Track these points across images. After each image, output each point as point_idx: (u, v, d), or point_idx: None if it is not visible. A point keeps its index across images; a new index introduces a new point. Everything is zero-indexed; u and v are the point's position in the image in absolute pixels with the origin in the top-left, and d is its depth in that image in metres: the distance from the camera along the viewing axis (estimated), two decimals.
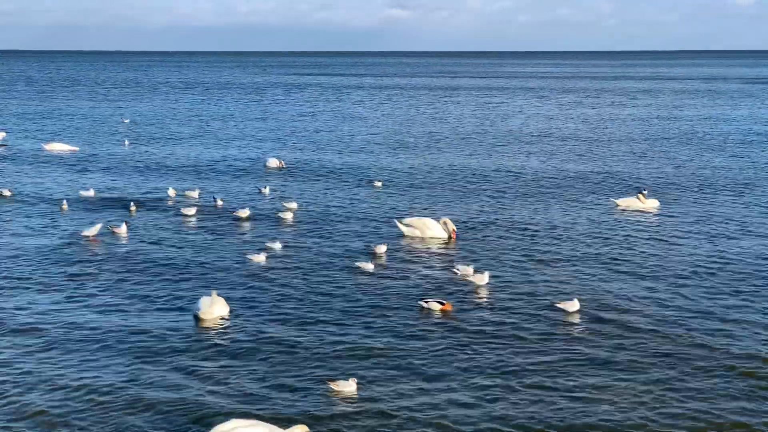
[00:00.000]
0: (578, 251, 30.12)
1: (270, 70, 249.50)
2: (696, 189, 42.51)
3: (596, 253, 29.78)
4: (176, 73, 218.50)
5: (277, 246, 29.66)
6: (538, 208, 38.06)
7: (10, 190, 39.22)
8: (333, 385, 17.98)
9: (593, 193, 41.99)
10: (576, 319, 22.54)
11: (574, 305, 23.03)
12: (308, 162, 51.91)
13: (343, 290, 25.19)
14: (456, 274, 26.36)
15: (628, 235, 32.57)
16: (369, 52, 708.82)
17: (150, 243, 30.96)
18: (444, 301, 23.32)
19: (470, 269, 26.37)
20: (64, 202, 37.23)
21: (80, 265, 27.99)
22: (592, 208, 37.94)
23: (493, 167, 50.38)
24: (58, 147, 56.14)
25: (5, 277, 26.37)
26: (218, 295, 23.08)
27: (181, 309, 23.37)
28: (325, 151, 57.33)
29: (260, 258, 28.28)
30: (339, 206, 37.90)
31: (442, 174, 47.71)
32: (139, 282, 25.98)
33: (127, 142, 60.01)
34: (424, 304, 23.33)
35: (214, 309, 22.40)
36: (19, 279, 26.24)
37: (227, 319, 22.44)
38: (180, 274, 26.95)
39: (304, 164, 50.90)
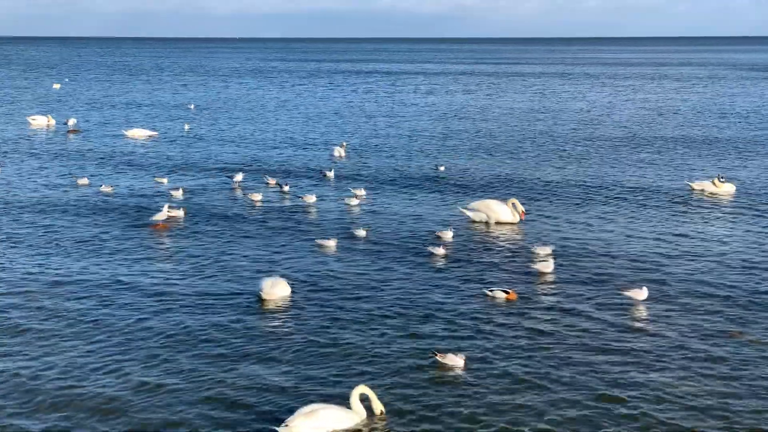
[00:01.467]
0: (649, 235, 29.68)
1: (336, 56, 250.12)
2: None
3: (668, 238, 29.29)
4: (241, 59, 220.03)
5: (362, 233, 29.51)
6: (607, 190, 37.60)
7: (110, 186, 38.73)
8: (440, 357, 18.10)
9: (666, 175, 41.36)
10: (644, 307, 22.11)
11: (642, 293, 22.61)
12: (373, 147, 51.90)
13: (408, 275, 25.10)
14: (534, 255, 26.16)
15: (701, 220, 32.03)
16: (436, 39, 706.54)
17: (216, 227, 31.26)
18: (509, 290, 23.10)
19: (548, 249, 26.07)
20: (181, 188, 37.73)
21: (149, 248, 28.39)
22: (665, 192, 37.40)
23: (557, 150, 49.98)
24: (138, 133, 56.84)
25: (76, 259, 26.81)
26: (281, 276, 23.36)
27: (244, 290, 23.57)
28: (389, 136, 57.27)
29: (330, 243, 28.39)
30: (404, 192, 37.84)
31: (506, 157, 47.45)
32: (205, 264, 26.27)
33: (187, 126, 60.32)
34: (489, 293, 23.14)
35: (275, 289, 22.64)
36: (89, 260, 26.67)
37: (289, 300, 22.64)
38: (245, 255, 27.23)
39: (369, 150, 50.90)
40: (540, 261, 25.73)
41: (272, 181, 38.77)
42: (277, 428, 15.52)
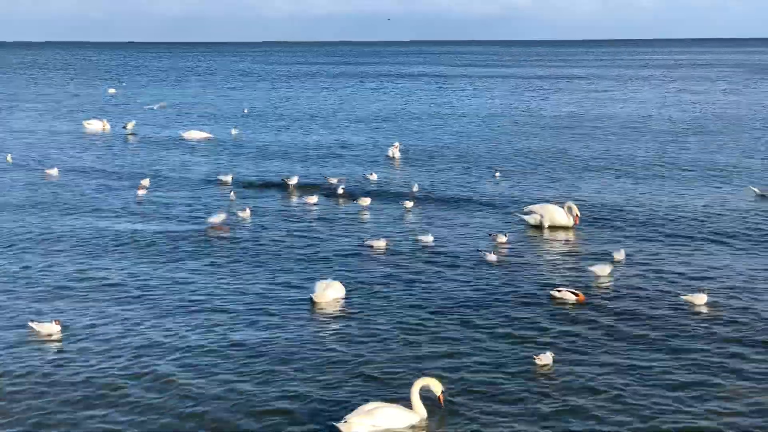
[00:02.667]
0: (710, 240, 29.29)
1: (388, 58, 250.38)
2: None
3: (730, 243, 28.85)
4: (294, 62, 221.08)
5: (429, 238, 29.21)
6: (666, 193, 37.27)
7: (233, 192, 38.59)
8: (537, 360, 18.36)
9: (727, 179, 40.81)
10: (705, 313, 21.76)
11: (701, 299, 22.29)
12: (427, 150, 51.82)
13: (462, 279, 25.02)
14: (592, 273, 25.17)
15: (765, 224, 31.52)
16: (486, 41, 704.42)
17: (271, 229, 31.45)
18: (578, 292, 22.81)
19: (607, 269, 25.14)
20: (232, 192, 38.07)
21: (205, 249, 28.70)
22: (726, 195, 36.86)
23: (615, 153, 49.61)
24: (195, 135, 57.38)
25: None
26: (335, 279, 23.49)
27: (298, 292, 23.72)
28: (441, 139, 57.16)
29: (380, 244, 28.39)
30: (459, 195, 37.71)
31: (561, 161, 47.14)
32: (259, 266, 26.50)
33: (234, 131, 60.23)
34: (557, 294, 22.89)
35: (328, 292, 22.75)
36: (152, 261, 27.00)
37: (342, 303, 22.70)
38: (300, 258, 27.38)
39: (423, 152, 50.82)
40: (598, 264, 25.44)
41: (333, 180, 38.52)
42: (335, 424, 15.61)
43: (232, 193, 37.41)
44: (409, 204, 34.70)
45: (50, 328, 20.44)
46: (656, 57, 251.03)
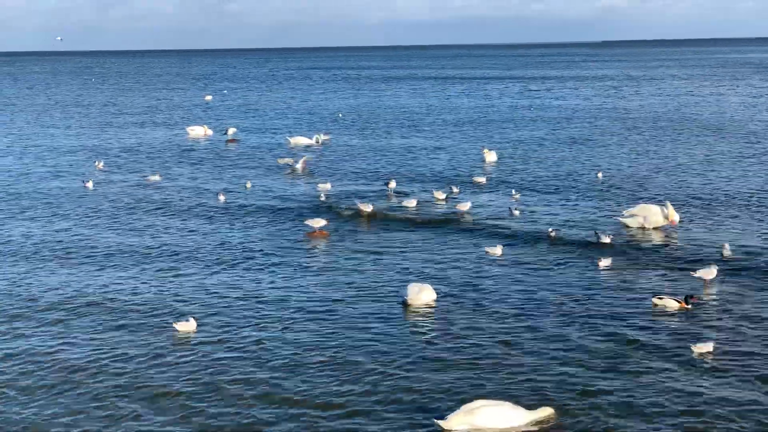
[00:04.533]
0: None
1: (483, 61, 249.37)
2: None
3: None
4: (388, 67, 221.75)
5: (498, 250, 28.71)
6: None
7: (323, 195, 39.02)
8: (656, 300, 19.07)
9: None
10: None
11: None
12: (523, 152, 51.51)
13: (563, 282, 24.86)
14: (696, 277, 24.56)
15: None
16: (584, 43, 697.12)
17: (369, 233, 31.75)
18: (680, 299, 22.45)
19: (713, 271, 24.51)
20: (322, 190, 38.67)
21: (304, 252, 29.26)
22: None
23: (717, 150, 48.72)
24: (301, 140, 57.90)
25: (235, 263, 27.60)
26: (427, 282, 23.70)
27: (391, 296, 24.00)
28: (538, 141, 56.75)
29: (496, 251, 28.32)
30: (561, 198, 37.36)
31: (663, 162, 46.34)
32: (354, 269, 26.91)
33: (324, 136, 59.77)
34: (658, 301, 22.58)
35: (421, 295, 22.91)
36: (244, 265, 27.46)
37: (435, 306, 22.85)
38: (395, 263, 27.61)
39: (521, 156, 50.53)
40: (703, 268, 24.97)
41: (440, 196, 37.75)
42: (436, 420, 15.78)
43: (322, 195, 37.87)
44: (517, 212, 34.04)
45: (189, 326, 21.23)
46: (752, 55, 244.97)
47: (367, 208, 34.44)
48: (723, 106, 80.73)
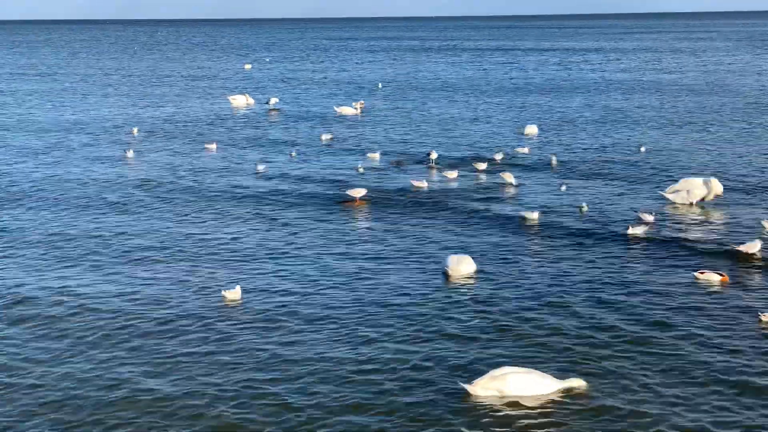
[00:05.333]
0: None
1: (520, 32, 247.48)
2: None
3: None
4: (428, 37, 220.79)
5: (534, 215, 28.99)
6: None
7: (361, 166, 39.82)
8: (698, 274, 19.39)
9: None
10: None
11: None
12: (566, 125, 51.31)
13: (604, 257, 24.84)
14: (741, 251, 24.49)
15: None
16: (625, 14, 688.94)
17: (410, 204, 31.88)
18: (722, 273, 22.47)
19: (757, 245, 24.37)
20: (360, 165, 38.77)
21: (343, 221, 29.59)
22: None
23: (756, 126, 48.23)
24: (346, 110, 58.22)
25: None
26: (468, 253, 23.91)
27: (430, 265, 24.22)
28: (582, 114, 56.41)
29: (533, 216, 28.52)
30: (604, 171, 37.22)
31: (710, 136, 45.98)
32: (394, 240, 27.09)
33: (358, 105, 59.90)
34: (700, 275, 22.59)
35: (461, 266, 23.11)
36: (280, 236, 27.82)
37: (475, 276, 23.05)
38: (436, 233, 27.78)
39: (562, 127, 50.34)
40: (746, 242, 24.91)
41: (481, 166, 37.66)
42: (463, 384, 16.06)
43: (360, 167, 38.12)
44: (564, 187, 33.76)
45: (235, 294, 21.52)
46: None
47: (422, 184, 34.36)
48: (766, 79, 79.80)
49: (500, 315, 20.20)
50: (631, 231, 26.90)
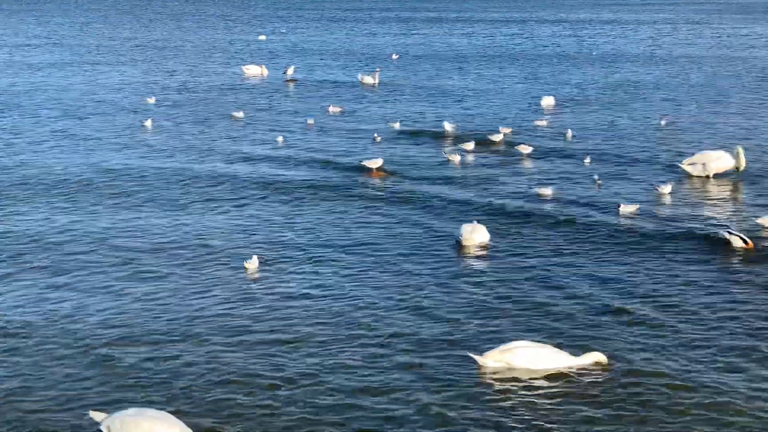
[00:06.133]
0: None
1: (533, 2, 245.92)
2: None
3: None
4: (439, 8, 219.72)
5: (548, 191, 28.91)
6: None
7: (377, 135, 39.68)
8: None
9: None
10: None
11: None
12: (584, 97, 50.93)
13: (617, 229, 24.91)
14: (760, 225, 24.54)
15: None
16: None
17: (424, 175, 31.98)
18: (748, 239, 22.37)
19: None
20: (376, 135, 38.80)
21: (359, 192, 29.88)
22: None
23: None
24: (368, 79, 57.95)
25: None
26: (480, 222, 24.10)
27: (445, 235, 24.48)
28: (600, 85, 56.06)
29: (547, 191, 28.38)
30: (619, 144, 37.04)
31: (724, 108, 45.70)
32: (408, 210, 27.38)
33: (376, 75, 59.64)
34: (727, 235, 22.52)
35: (475, 235, 23.20)
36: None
37: (488, 246, 23.20)
38: (449, 203, 28.07)
39: (580, 100, 49.95)
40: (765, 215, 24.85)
41: (496, 138, 37.52)
42: (472, 355, 16.18)
43: (377, 137, 38.09)
44: (587, 160, 33.46)
45: (252, 264, 21.80)
46: None
47: (455, 158, 34.03)
48: None
49: (512, 287, 20.30)
50: (661, 188, 27.50)
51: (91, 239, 24.56)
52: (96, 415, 14.06)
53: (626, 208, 26.44)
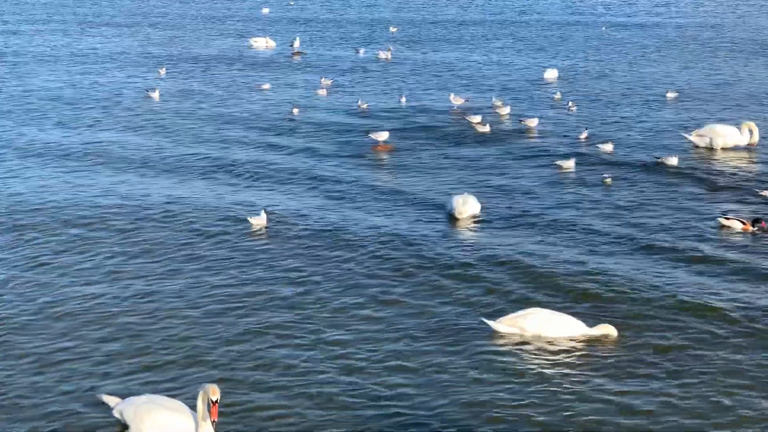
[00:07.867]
0: None
1: None
2: None
3: None
4: None
5: (608, 147, 29.79)
6: None
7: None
8: (723, 220, 20.37)
9: None
10: None
11: None
12: (589, 69, 50.66)
13: (621, 203, 25.11)
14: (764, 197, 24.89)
15: None
16: None
17: (430, 147, 32.41)
18: (745, 221, 22.55)
19: None
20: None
21: (363, 165, 30.32)
22: None
23: None
24: (382, 54, 57.50)
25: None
26: (471, 193, 24.36)
27: (436, 208, 24.82)
28: (605, 57, 55.68)
29: (569, 164, 28.65)
30: (626, 118, 37.01)
31: (734, 80, 45.33)
32: (406, 181, 27.94)
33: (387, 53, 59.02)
34: (725, 221, 22.69)
35: (466, 207, 23.52)
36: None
37: (480, 217, 23.55)
38: (450, 175, 28.60)
39: (586, 71, 49.75)
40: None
41: (501, 107, 37.83)
42: (486, 321, 16.46)
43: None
44: (585, 134, 33.42)
45: (261, 220, 22.55)
46: None
47: (484, 128, 34.19)
48: None
49: (508, 259, 20.57)
50: (667, 160, 27.80)
51: (100, 207, 25.04)
52: (109, 399, 13.99)
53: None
